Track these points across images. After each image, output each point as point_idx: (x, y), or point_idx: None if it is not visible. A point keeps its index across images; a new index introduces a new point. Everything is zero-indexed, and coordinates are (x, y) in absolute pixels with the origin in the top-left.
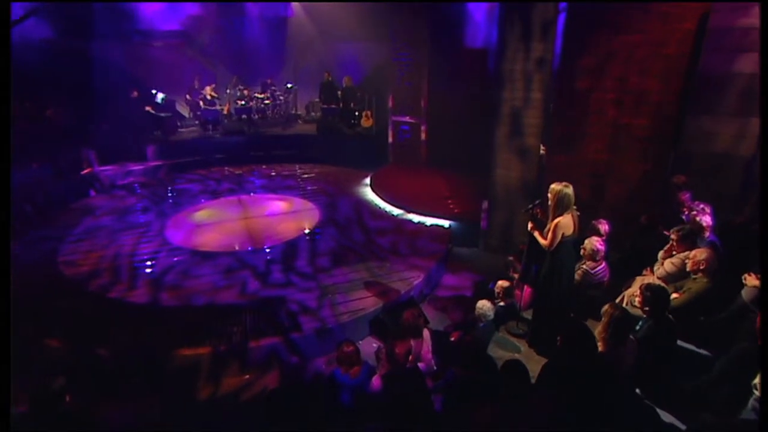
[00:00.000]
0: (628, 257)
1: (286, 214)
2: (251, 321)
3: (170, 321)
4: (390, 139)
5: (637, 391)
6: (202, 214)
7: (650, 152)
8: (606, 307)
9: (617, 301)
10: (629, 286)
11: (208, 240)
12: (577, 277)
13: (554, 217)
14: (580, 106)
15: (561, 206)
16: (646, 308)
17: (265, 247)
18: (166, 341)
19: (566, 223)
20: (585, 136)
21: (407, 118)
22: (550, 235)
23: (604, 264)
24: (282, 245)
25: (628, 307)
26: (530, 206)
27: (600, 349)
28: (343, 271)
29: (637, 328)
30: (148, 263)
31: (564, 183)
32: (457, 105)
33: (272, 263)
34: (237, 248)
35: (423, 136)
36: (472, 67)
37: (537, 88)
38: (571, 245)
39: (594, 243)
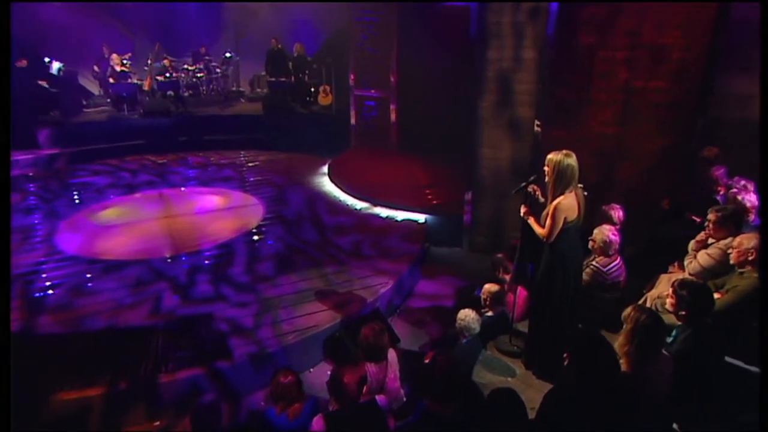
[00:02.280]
0: (648, 251)
1: (220, 211)
2: (165, 347)
3: (49, 353)
4: (353, 120)
5: (675, 426)
6: (108, 214)
7: (671, 122)
8: (629, 310)
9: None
10: (653, 287)
11: (115, 246)
12: (585, 276)
13: (554, 197)
14: (583, 68)
15: (562, 182)
16: (682, 312)
17: (203, 252)
18: (41, 381)
19: (569, 204)
20: (590, 105)
21: (372, 92)
22: (548, 220)
23: (618, 259)
24: (213, 249)
25: None
26: (523, 184)
27: (623, 368)
28: (290, 280)
29: (670, 339)
30: (26, 279)
31: (564, 151)
32: (435, 75)
33: (198, 272)
34: (169, 258)
35: (393, 114)
36: (452, 28)
37: (530, 45)
38: (577, 234)
39: (605, 233)
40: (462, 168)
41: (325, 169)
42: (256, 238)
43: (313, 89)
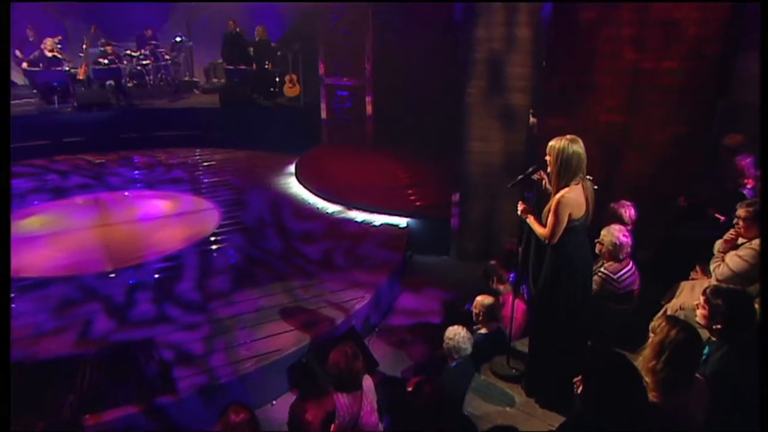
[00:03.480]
0: (663, 255)
1: (167, 218)
2: (93, 381)
3: None
4: (323, 113)
5: None
6: (30, 223)
7: (686, 107)
8: (659, 320)
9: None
10: (672, 296)
11: (36, 260)
12: (594, 285)
13: (557, 191)
14: (584, 48)
15: (567, 172)
16: (717, 326)
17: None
18: None
19: (574, 198)
20: (593, 90)
21: (345, 81)
22: (550, 217)
23: (631, 265)
24: (157, 262)
25: None
26: (521, 177)
27: (651, 395)
28: (249, 296)
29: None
30: None
31: (569, 137)
32: (416, 59)
33: (139, 289)
34: (112, 274)
35: (369, 106)
36: (436, 5)
37: (524, 22)
38: (585, 234)
39: (615, 234)
40: (448, 165)
41: (292, 168)
42: (209, 248)
43: (277, 79)
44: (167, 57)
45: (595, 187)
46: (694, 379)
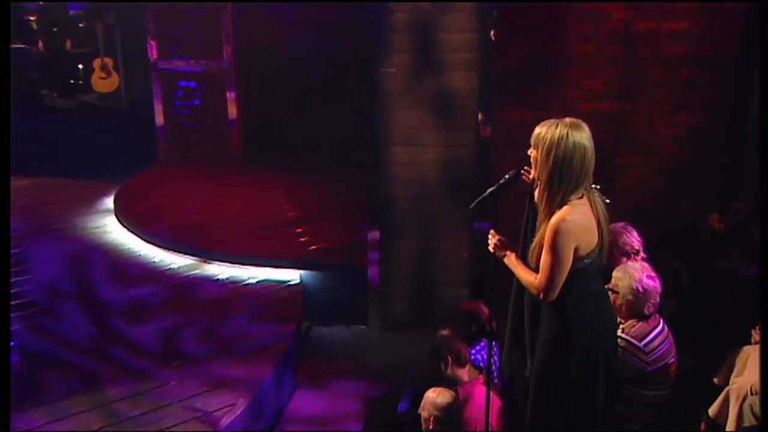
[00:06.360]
0: (694, 305)
1: None
2: None
3: None
4: (159, 116)
5: None
6: None
7: (702, 87)
8: None
9: (716, 410)
10: (731, 371)
11: None
12: None
13: (550, 211)
14: (552, 4)
15: (565, 179)
16: None
17: None
18: None
19: (580, 223)
20: (567, 65)
21: (191, 65)
22: (545, 257)
23: (661, 325)
24: None
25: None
26: (491, 190)
27: None
28: (31, 422)
29: None
30: None
31: (569, 120)
32: (303, 36)
33: None
34: None
35: (232, 104)
36: None
37: None
38: (601, 279)
39: (635, 275)
40: (360, 186)
41: (109, 202)
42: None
43: (81, 65)
44: None
45: (607, 200)
46: None
